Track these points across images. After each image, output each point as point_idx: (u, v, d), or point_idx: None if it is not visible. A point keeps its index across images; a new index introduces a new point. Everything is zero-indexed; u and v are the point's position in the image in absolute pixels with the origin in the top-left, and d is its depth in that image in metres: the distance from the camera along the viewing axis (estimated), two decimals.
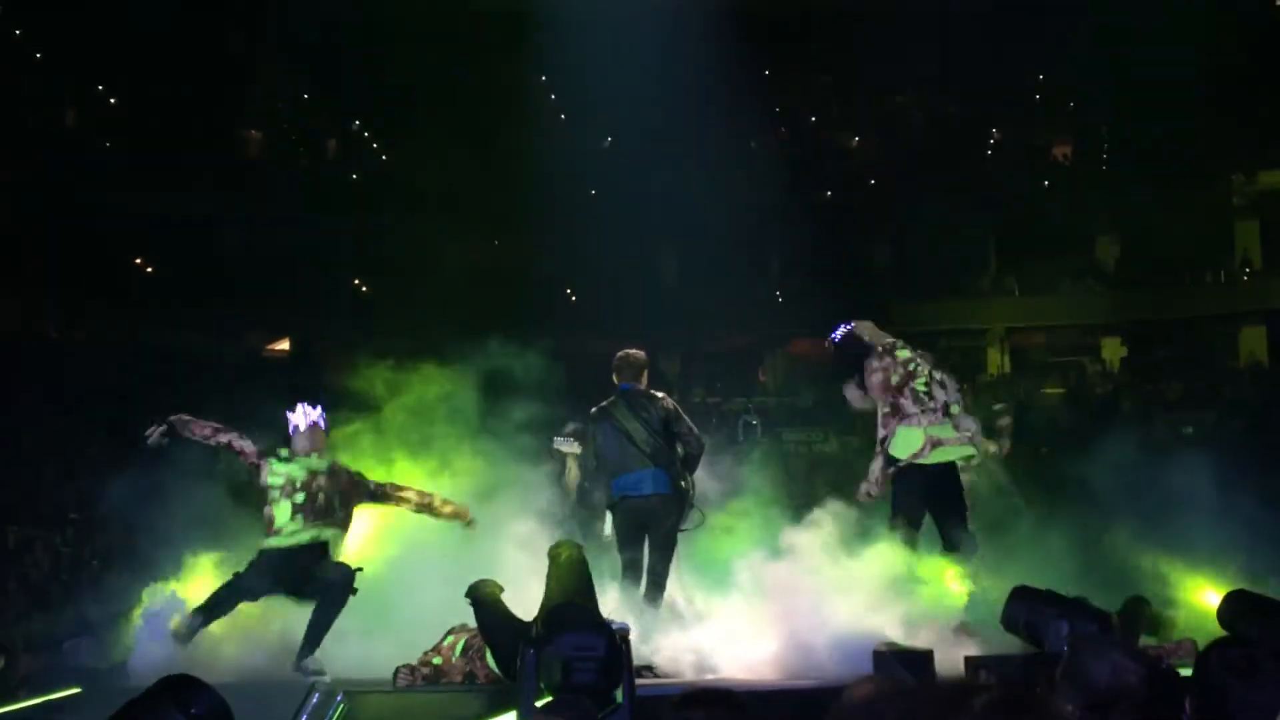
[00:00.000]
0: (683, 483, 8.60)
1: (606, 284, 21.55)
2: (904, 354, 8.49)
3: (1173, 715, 2.73)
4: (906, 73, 22.70)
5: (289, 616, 7.59)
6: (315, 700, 3.19)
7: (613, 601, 7.77)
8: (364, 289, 24.29)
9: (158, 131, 20.15)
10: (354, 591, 7.17)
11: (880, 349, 8.57)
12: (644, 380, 8.82)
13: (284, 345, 23.88)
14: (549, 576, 6.86)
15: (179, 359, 20.91)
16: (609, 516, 8.68)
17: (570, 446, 9.39)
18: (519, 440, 9.29)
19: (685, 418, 8.69)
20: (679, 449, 8.63)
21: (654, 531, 8.52)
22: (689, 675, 7.00)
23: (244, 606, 7.55)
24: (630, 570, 8.52)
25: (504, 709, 4.48)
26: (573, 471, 9.46)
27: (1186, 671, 3.06)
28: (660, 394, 8.76)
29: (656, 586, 8.42)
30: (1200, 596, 8.54)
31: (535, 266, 22.42)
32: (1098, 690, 3.03)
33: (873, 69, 23.20)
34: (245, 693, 5.59)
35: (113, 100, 21.12)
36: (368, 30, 20.56)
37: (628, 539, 8.54)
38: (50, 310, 19.46)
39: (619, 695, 3.76)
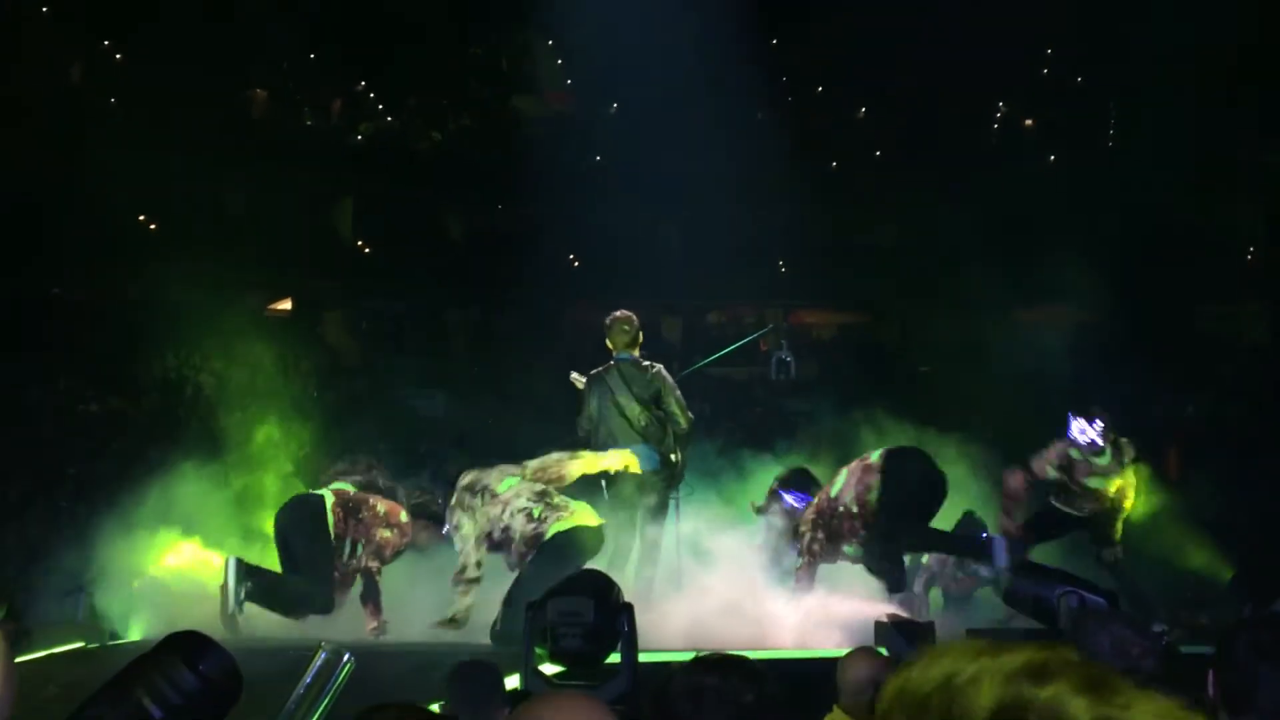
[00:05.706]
0: (673, 456, 8.59)
1: (610, 251, 21.45)
2: None
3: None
4: (914, 45, 22.45)
5: None
6: (322, 660, 3.19)
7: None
8: (366, 250, 24.21)
9: (162, 89, 19.99)
10: None
11: None
12: (638, 347, 8.73)
13: (285, 305, 23.82)
14: None
15: (180, 318, 20.87)
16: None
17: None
18: None
19: (676, 393, 8.60)
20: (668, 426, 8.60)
21: (644, 504, 8.54)
22: (679, 645, 6.97)
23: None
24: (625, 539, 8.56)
25: (509, 672, 4.51)
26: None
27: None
28: (656, 366, 8.67)
29: (650, 556, 8.46)
30: None
31: (538, 232, 22.29)
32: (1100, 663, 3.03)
33: (880, 41, 22.97)
34: (253, 652, 5.64)
35: (118, 56, 20.97)
36: None
37: (620, 508, 8.58)
38: (49, 268, 19.37)
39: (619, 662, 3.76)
